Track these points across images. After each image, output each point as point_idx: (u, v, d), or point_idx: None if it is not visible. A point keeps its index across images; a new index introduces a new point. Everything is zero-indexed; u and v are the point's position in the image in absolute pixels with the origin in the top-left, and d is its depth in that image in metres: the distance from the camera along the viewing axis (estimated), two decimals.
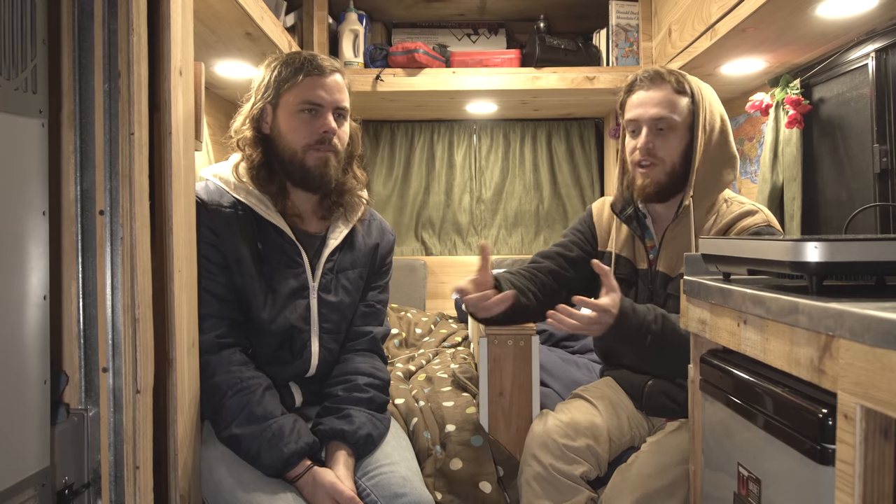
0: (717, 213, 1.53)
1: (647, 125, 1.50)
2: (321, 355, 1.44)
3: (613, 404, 1.59)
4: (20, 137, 0.86)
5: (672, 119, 1.49)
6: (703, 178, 1.52)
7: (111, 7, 1.04)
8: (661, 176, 1.50)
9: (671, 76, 1.53)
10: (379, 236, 1.57)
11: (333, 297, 1.45)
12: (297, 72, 1.39)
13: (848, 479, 0.75)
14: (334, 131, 1.39)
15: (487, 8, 3.16)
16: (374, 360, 1.51)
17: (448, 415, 1.76)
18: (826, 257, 0.84)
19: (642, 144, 1.50)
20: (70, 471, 0.99)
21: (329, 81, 1.40)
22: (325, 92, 1.39)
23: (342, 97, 1.42)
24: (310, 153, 1.38)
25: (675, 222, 1.53)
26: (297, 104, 1.38)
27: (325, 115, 1.39)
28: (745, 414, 1.00)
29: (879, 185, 1.89)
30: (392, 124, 3.62)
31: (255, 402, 1.29)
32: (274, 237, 1.40)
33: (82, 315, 1.04)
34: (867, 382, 0.71)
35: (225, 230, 1.34)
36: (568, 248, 1.70)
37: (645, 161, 1.51)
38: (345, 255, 1.49)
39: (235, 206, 1.38)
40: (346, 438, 1.33)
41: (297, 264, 1.41)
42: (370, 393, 1.42)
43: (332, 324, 1.45)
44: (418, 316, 3.07)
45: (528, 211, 3.65)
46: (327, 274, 1.45)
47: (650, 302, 1.56)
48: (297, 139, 1.38)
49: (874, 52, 1.88)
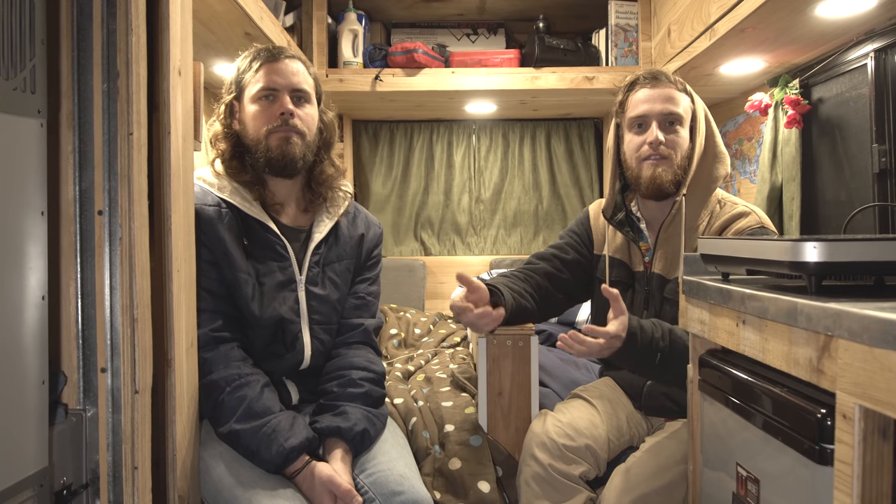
0: (711, 214, 1.53)
1: (658, 119, 1.52)
2: (314, 346, 1.45)
3: (612, 404, 1.59)
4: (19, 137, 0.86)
5: (679, 115, 1.52)
6: (698, 174, 1.54)
7: (110, 7, 1.04)
8: (671, 167, 1.51)
9: (672, 76, 1.56)
10: (364, 227, 1.59)
11: (321, 289, 1.47)
12: (253, 62, 1.44)
13: (846, 479, 0.75)
14: (291, 112, 1.41)
15: (487, 8, 3.16)
16: (368, 352, 1.52)
17: (447, 415, 1.76)
18: (825, 257, 0.84)
19: (654, 138, 1.50)
20: (68, 471, 0.99)
21: (282, 66, 1.43)
22: (278, 76, 1.42)
23: (298, 80, 1.44)
24: (271, 136, 1.41)
25: (668, 222, 1.54)
26: (255, 92, 1.42)
27: (281, 97, 1.42)
28: (744, 414, 1.00)
29: (878, 184, 1.89)
30: (391, 124, 3.61)
31: (253, 398, 1.30)
32: (259, 232, 1.42)
33: (81, 315, 1.04)
34: (866, 382, 0.71)
35: (210, 227, 1.36)
36: (564, 250, 1.71)
37: (656, 154, 1.51)
38: (331, 249, 1.50)
39: (219, 204, 1.40)
40: (343, 435, 1.34)
41: (282, 258, 1.43)
42: (365, 387, 1.42)
43: (321, 315, 1.47)
44: (417, 316, 3.06)
45: (527, 211, 3.66)
46: (314, 267, 1.47)
47: (647, 305, 1.57)
48: (258, 125, 1.41)
49: (873, 52, 1.88)
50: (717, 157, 1.56)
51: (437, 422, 1.75)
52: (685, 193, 1.52)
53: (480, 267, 3.59)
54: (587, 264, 1.71)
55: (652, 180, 1.51)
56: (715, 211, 1.54)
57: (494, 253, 3.67)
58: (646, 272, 1.58)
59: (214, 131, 1.47)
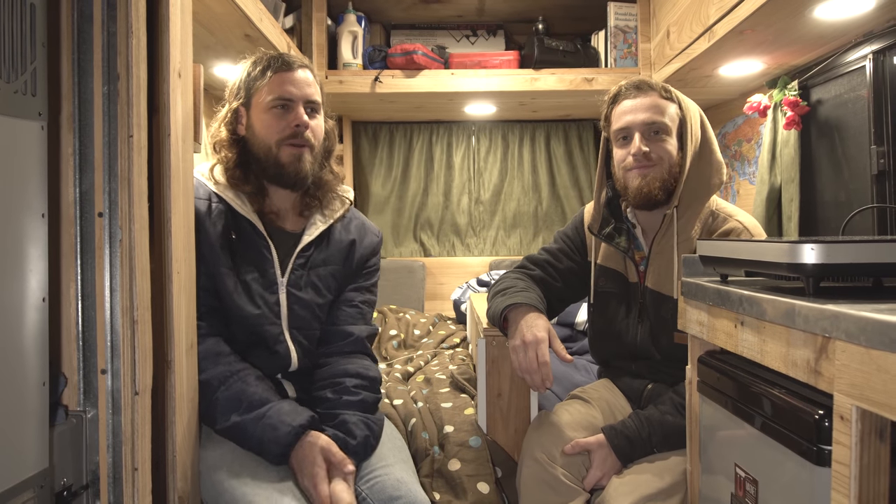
0: (704, 226, 1.52)
1: (640, 130, 1.48)
2: (297, 350, 1.45)
3: (611, 406, 1.59)
4: (20, 140, 0.87)
5: (664, 123, 1.48)
6: (691, 185, 1.50)
7: (110, 10, 1.04)
8: (659, 177, 1.48)
9: (656, 85, 1.52)
10: (358, 234, 1.56)
11: (303, 293, 1.45)
12: (266, 69, 1.41)
13: (844, 480, 0.75)
14: (306, 124, 1.41)
15: (486, 9, 3.16)
16: (363, 359, 1.50)
17: (446, 416, 1.76)
18: (822, 259, 0.84)
19: (637, 149, 1.47)
20: (69, 472, 1.00)
21: (297, 76, 1.42)
22: (293, 87, 1.41)
23: (312, 91, 1.44)
24: (284, 148, 1.40)
25: (661, 233, 1.52)
26: (268, 101, 1.40)
27: (296, 108, 1.41)
28: (743, 415, 1.01)
29: (877, 186, 1.89)
30: (391, 126, 3.62)
31: (250, 391, 1.30)
32: (247, 229, 1.42)
33: (81, 317, 1.04)
34: (863, 384, 0.71)
35: (197, 220, 1.35)
36: (557, 258, 1.69)
37: (641, 165, 1.48)
38: (319, 252, 1.49)
39: (210, 197, 1.40)
40: (349, 449, 1.32)
41: (265, 259, 1.42)
42: (360, 395, 1.41)
43: (302, 320, 1.45)
44: (417, 317, 3.07)
45: (526, 212, 3.66)
46: (297, 270, 1.45)
47: (641, 318, 1.55)
48: (270, 135, 1.40)
49: (871, 54, 1.89)
50: (711, 166, 1.51)
51: (437, 423, 1.75)
52: (677, 205, 1.50)
53: (480, 268, 3.60)
54: (580, 270, 1.69)
55: (639, 190, 1.48)
56: (707, 223, 1.51)
57: (494, 254, 3.67)
58: (639, 284, 1.57)
59: (219, 137, 1.44)
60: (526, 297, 1.52)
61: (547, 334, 1.42)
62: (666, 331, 1.48)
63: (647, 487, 1.35)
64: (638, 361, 1.59)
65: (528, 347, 1.40)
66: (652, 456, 1.43)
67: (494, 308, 1.56)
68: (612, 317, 1.61)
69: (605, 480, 1.41)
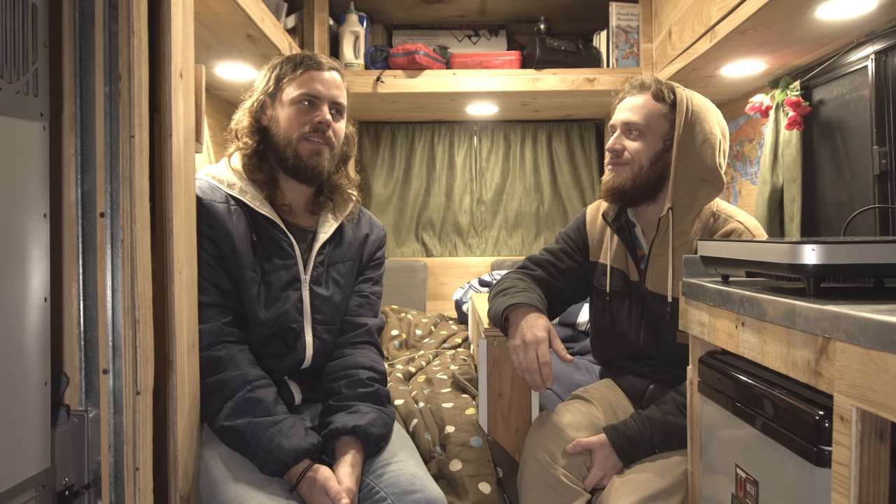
0: (705, 227, 1.51)
1: (620, 128, 1.55)
2: (315, 346, 1.46)
3: (613, 406, 1.59)
4: (21, 140, 0.87)
5: (639, 124, 1.51)
6: (683, 190, 1.50)
7: (112, 10, 1.04)
8: (628, 176, 1.51)
9: (655, 84, 1.53)
10: (368, 228, 1.61)
11: (325, 290, 1.47)
12: (297, 66, 1.45)
13: (844, 480, 0.75)
14: (329, 123, 1.44)
15: (488, 9, 3.16)
16: (372, 352, 1.52)
17: (448, 416, 1.76)
18: (823, 260, 0.84)
19: (610, 145, 1.56)
20: (70, 472, 1.00)
21: (327, 76, 1.45)
22: (322, 86, 1.44)
23: (339, 93, 1.47)
24: (303, 143, 1.43)
25: (659, 235, 1.53)
26: (296, 95, 1.43)
27: (321, 106, 1.44)
28: (743, 415, 1.01)
29: (879, 186, 1.89)
30: (392, 126, 3.62)
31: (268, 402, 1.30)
32: (268, 229, 1.43)
33: (83, 317, 1.04)
34: (863, 385, 0.71)
35: (220, 223, 1.37)
36: (559, 257, 1.70)
37: (612, 161, 1.54)
38: (335, 250, 1.52)
39: (228, 200, 1.41)
40: (359, 434, 1.32)
41: (289, 256, 1.44)
42: (374, 387, 1.43)
43: (324, 315, 1.47)
44: (418, 317, 3.07)
45: (528, 212, 3.66)
46: (318, 267, 1.48)
47: (642, 316, 1.55)
48: (292, 128, 1.43)
49: (874, 55, 1.89)
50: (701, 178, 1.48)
51: (438, 423, 1.75)
52: (672, 207, 1.50)
53: (481, 268, 3.60)
54: (582, 271, 1.70)
55: (606, 184, 1.55)
56: (708, 224, 1.51)
57: (496, 254, 3.67)
58: (640, 284, 1.58)
59: (242, 124, 1.47)
60: (527, 297, 1.53)
61: (547, 334, 1.42)
62: (667, 331, 1.48)
63: (648, 487, 1.35)
64: (640, 361, 1.60)
65: (528, 347, 1.41)
66: (653, 456, 1.43)
67: (495, 308, 1.57)
68: (615, 316, 1.62)
69: (607, 480, 1.41)
